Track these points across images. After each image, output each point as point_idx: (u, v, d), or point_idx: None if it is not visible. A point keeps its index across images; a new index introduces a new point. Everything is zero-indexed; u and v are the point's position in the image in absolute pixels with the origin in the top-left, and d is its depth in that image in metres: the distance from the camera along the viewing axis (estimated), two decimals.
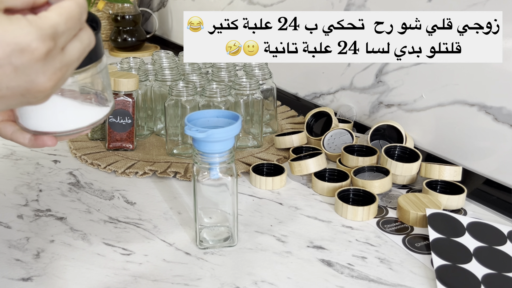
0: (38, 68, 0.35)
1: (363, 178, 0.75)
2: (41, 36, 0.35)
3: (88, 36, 0.39)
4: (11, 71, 0.34)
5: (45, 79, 0.36)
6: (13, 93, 0.36)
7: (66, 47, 0.38)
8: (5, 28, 0.33)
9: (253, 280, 0.57)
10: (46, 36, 0.35)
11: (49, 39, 0.35)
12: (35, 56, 0.35)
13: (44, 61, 0.36)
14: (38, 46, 0.34)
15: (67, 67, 0.38)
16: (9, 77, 0.35)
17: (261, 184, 0.78)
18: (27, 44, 0.34)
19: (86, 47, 0.39)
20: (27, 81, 0.35)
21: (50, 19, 0.35)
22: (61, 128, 0.46)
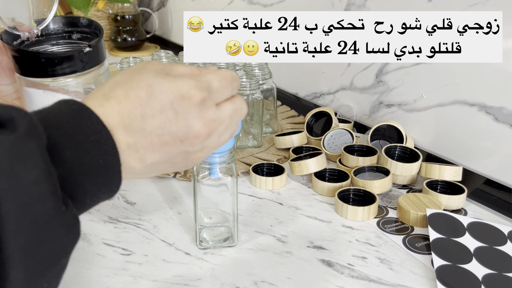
0: (195, 113, 0.40)
1: (363, 178, 0.75)
2: (198, 86, 0.40)
3: (241, 101, 0.45)
4: (172, 116, 0.39)
5: (200, 124, 0.40)
6: (173, 139, 0.40)
7: (220, 105, 0.43)
8: (170, 80, 0.40)
9: (253, 280, 0.57)
10: (202, 87, 0.41)
11: (204, 89, 0.41)
12: (193, 102, 0.40)
13: (200, 108, 0.40)
14: (195, 93, 0.40)
15: (220, 121, 0.42)
16: (171, 122, 0.39)
17: (261, 184, 0.78)
18: (186, 91, 0.40)
19: (238, 109, 0.44)
20: (185, 125, 0.40)
21: (207, 75, 0.42)
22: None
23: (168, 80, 0.40)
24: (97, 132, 0.36)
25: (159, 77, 0.40)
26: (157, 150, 0.40)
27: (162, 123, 0.39)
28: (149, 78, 0.40)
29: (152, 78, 0.40)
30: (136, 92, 0.39)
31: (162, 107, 0.39)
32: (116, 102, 0.38)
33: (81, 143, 0.35)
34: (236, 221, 0.63)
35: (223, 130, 0.43)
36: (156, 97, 0.39)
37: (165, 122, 0.39)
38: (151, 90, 0.39)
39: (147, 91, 0.39)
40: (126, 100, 0.38)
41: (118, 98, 0.38)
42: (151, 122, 0.39)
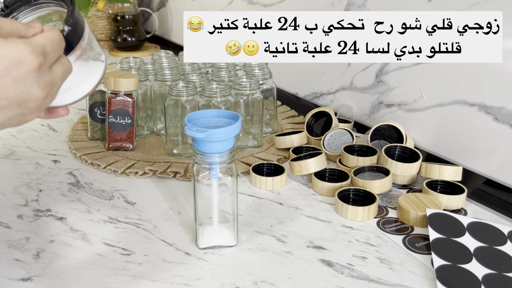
0: (33, 79, 0.40)
1: (363, 178, 0.75)
2: (34, 51, 0.40)
3: (67, 62, 0.46)
4: (10, 82, 0.39)
5: (38, 89, 0.41)
6: (10, 103, 0.40)
7: (52, 67, 0.43)
8: (4, 45, 0.39)
9: (253, 280, 0.57)
10: (38, 52, 0.41)
11: (40, 54, 0.41)
12: (31, 67, 0.40)
13: (38, 73, 0.41)
14: (32, 59, 0.40)
15: (54, 84, 0.43)
16: (8, 88, 0.39)
17: (261, 184, 0.78)
18: (23, 57, 0.39)
19: (67, 70, 0.45)
20: (23, 91, 0.40)
21: (39, 40, 0.42)
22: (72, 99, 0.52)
23: (2, 45, 0.39)
24: None
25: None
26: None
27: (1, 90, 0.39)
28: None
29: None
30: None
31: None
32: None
33: None
34: (236, 221, 0.63)
35: (55, 91, 0.44)
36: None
37: (2, 88, 0.39)
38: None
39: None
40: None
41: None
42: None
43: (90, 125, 0.92)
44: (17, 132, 0.96)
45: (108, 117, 0.86)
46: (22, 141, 0.93)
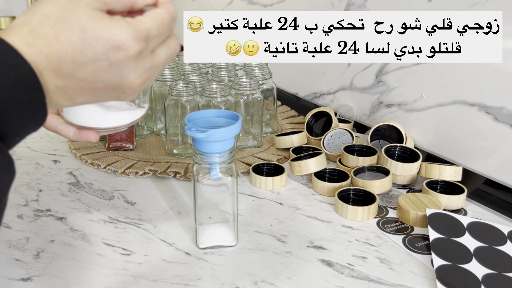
0: (130, 65, 0.39)
1: (363, 178, 0.75)
2: (136, 37, 0.38)
3: (175, 43, 0.43)
4: (106, 66, 0.38)
5: (135, 76, 0.39)
6: (105, 87, 0.39)
7: (155, 50, 0.41)
8: (106, 26, 0.37)
9: (253, 280, 0.57)
10: (140, 38, 0.38)
11: (142, 40, 0.39)
12: (129, 54, 0.38)
13: (136, 60, 0.39)
14: (132, 45, 0.38)
15: (155, 68, 0.41)
16: (104, 71, 0.38)
17: (261, 184, 0.78)
18: (123, 43, 0.37)
19: (173, 53, 0.43)
20: (119, 77, 0.39)
21: (145, 22, 0.39)
22: (104, 125, 0.50)
23: (103, 26, 0.37)
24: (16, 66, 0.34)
25: (93, 19, 0.37)
26: (86, 94, 0.39)
27: (94, 71, 0.38)
28: (83, 19, 0.37)
29: (86, 20, 0.37)
30: (68, 35, 0.36)
31: (96, 55, 0.37)
32: (45, 43, 0.36)
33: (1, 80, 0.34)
34: (236, 221, 0.62)
35: (156, 75, 0.43)
36: (90, 44, 0.37)
37: (98, 71, 0.38)
38: (84, 36, 0.36)
39: (80, 36, 0.36)
40: (56, 43, 0.36)
41: (47, 39, 0.36)
42: (83, 69, 0.37)
43: None
44: None
45: None
46: (22, 141, 0.93)
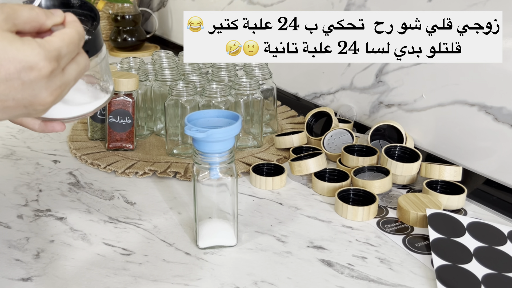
0: (42, 84, 0.40)
1: (363, 178, 0.75)
2: (47, 57, 0.40)
3: (84, 60, 0.45)
4: (19, 85, 0.39)
5: (46, 94, 0.41)
6: (17, 105, 0.40)
7: (66, 68, 0.43)
8: (17, 47, 0.38)
9: (253, 280, 0.57)
10: (52, 57, 0.40)
11: (54, 60, 0.40)
12: (42, 74, 0.39)
13: (48, 79, 0.40)
14: (44, 65, 0.39)
15: (66, 85, 0.43)
16: (16, 90, 0.39)
17: (261, 184, 0.78)
18: (35, 63, 0.39)
19: (83, 69, 0.45)
20: (31, 95, 0.40)
21: (55, 43, 0.41)
22: (69, 115, 0.51)
23: (15, 47, 0.38)
24: None
25: (5, 41, 0.38)
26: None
27: (6, 90, 0.39)
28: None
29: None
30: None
31: (9, 75, 0.38)
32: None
33: None
34: (236, 221, 0.62)
35: (67, 91, 0.44)
36: (2, 65, 0.38)
37: (10, 90, 0.39)
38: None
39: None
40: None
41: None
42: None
43: (90, 125, 0.92)
44: (17, 132, 0.96)
45: (108, 117, 0.86)
46: (22, 141, 0.93)
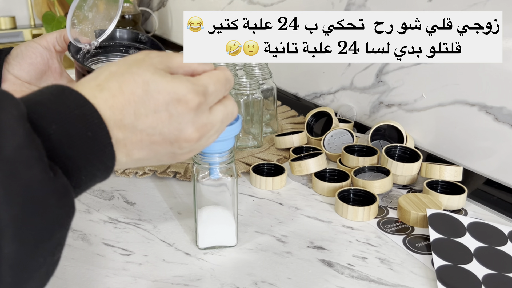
0: (189, 118, 0.40)
1: (363, 178, 0.75)
2: (195, 90, 0.40)
3: (232, 105, 0.45)
4: (166, 117, 0.39)
5: (192, 130, 0.41)
6: (163, 140, 0.40)
7: (213, 107, 0.43)
8: (168, 80, 0.39)
9: (253, 280, 0.57)
10: (199, 91, 0.40)
11: (201, 94, 0.40)
12: (189, 106, 0.40)
13: (195, 113, 0.40)
14: (192, 98, 0.40)
15: (212, 125, 0.42)
16: (164, 123, 0.39)
17: (261, 184, 0.78)
18: (183, 95, 0.39)
19: (230, 113, 0.44)
20: (177, 129, 0.40)
21: (203, 79, 0.42)
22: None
23: (165, 80, 0.39)
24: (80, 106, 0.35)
25: (157, 74, 0.39)
26: (145, 148, 0.40)
27: (154, 123, 0.39)
28: (147, 73, 0.39)
29: (149, 74, 0.39)
30: (132, 87, 0.38)
31: (157, 107, 0.38)
32: (110, 95, 0.37)
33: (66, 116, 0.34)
34: (236, 221, 0.62)
35: (213, 133, 0.43)
36: (152, 96, 0.38)
37: (158, 123, 0.39)
38: (147, 88, 0.38)
39: (143, 88, 0.38)
40: (120, 94, 0.38)
41: (112, 91, 0.38)
42: (143, 120, 0.38)
43: None
44: None
45: None
46: None
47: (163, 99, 0.39)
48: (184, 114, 0.40)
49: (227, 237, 0.63)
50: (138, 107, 0.38)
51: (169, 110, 0.39)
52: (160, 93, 0.39)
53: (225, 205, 0.62)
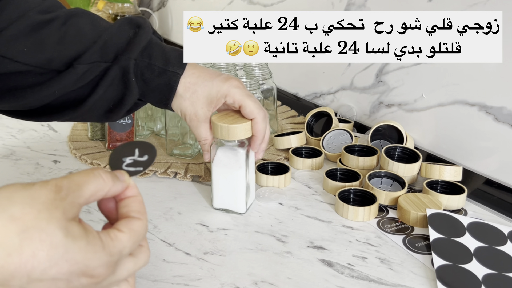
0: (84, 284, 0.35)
1: (377, 184, 0.76)
2: (108, 263, 0.35)
3: (146, 257, 0.40)
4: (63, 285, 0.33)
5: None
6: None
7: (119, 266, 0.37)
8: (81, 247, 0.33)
9: (253, 280, 0.57)
10: (111, 264, 0.35)
11: (112, 265, 0.35)
12: (94, 280, 0.35)
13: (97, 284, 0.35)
14: (101, 272, 0.35)
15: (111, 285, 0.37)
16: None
17: (268, 183, 0.78)
18: (93, 268, 0.34)
19: (139, 267, 0.39)
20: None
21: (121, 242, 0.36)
22: None
23: (78, 247, 0.33)
24: None
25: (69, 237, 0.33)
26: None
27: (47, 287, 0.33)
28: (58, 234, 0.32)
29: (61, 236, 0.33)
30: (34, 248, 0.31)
31: (57, 275, 0.33)
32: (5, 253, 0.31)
33: None
34: (248, 192, 0.70)
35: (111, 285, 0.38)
36: (56, 264, 0.32)
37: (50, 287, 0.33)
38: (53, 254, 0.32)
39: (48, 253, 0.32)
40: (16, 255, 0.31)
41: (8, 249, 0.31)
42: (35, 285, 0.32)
43: (90, 125, 0.92)
44: (17, 132, 0.96)
45: None
46: (22, 141, 0.93)
47: (68, 269, 0.33)
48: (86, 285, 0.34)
49: (237, 203, 0.69)
50: (35, 273, 0.32)
51: (70, 279, 0.33)
52: (68, 262, 0.33)
53: (237, 172, 0.67)
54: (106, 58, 0.59)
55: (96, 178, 0.38)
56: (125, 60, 0.59)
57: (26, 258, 0.31)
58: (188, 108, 0.64)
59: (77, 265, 0.33)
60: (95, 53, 0.58)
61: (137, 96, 0.62)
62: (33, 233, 0.32)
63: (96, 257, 0.34)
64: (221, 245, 0.63)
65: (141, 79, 0.61)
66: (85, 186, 0.37)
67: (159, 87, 0.62)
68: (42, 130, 0.98)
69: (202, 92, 0.64)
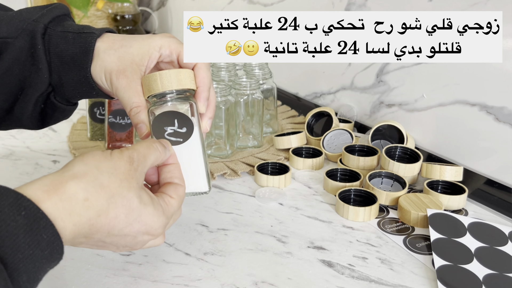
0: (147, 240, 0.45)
1: (377, 184, 0.75)
2: (165, 224, 0.45)
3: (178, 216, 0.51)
4: (130, 240, 0.43)
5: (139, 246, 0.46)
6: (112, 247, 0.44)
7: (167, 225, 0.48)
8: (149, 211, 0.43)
9: (253, 280, 0.56)
10: (166, 224, 0.46)
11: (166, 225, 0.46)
12: (152, 237, 0.45)
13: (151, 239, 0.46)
14: (160, 231, 0.45)
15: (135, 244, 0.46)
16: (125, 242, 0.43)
17: (268, 183, 0.78)
18: (155, 229, 0.44)
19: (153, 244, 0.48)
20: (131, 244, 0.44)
21: (173, 207, 0.47)
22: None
23: (147, 212, 0.43)
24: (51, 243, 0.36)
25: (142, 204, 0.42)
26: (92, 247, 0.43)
27: (118, 240, 0.42)
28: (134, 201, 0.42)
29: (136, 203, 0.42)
30: (117, 212, 0.40)
31: (129, 232, 0.42)
32: (96, 214, 0.39)
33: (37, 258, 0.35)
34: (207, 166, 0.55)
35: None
36: (130, 224, 0.42)
37: (120, 241, 0.43)
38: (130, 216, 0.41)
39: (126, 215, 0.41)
40: (104, 216, 0.40)
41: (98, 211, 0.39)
42: (112, 238, 0.42)
43: (90, 125, 0.92)
44: (17, 132, 0.96)
45: (107, 117, 0.86)
46: (22, 141, 0.93)
47: (138, 228, 0.42)
48: (146, 240, 0.45)
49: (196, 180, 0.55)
50: (114, 230, 0.41)
51: (136, 236, 0.43)
52: (139, 223, 0.42)
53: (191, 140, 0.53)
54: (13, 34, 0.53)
55: (155, 150, 0.46)
56: (32, 25, 0.53)
57: (110, 219, 0.40)
58: (115, 63, 0.53)
59: (145, 226, 0.43)
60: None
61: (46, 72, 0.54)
62: (117, 199, 0.40)
63: (159, 220, 0.44)
64: (221, 246, 0.63)
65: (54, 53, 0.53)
66: (148, 157, 0.45)
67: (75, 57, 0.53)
68: (41, 130, 0.98)
69: (131, 46, 0.54)
